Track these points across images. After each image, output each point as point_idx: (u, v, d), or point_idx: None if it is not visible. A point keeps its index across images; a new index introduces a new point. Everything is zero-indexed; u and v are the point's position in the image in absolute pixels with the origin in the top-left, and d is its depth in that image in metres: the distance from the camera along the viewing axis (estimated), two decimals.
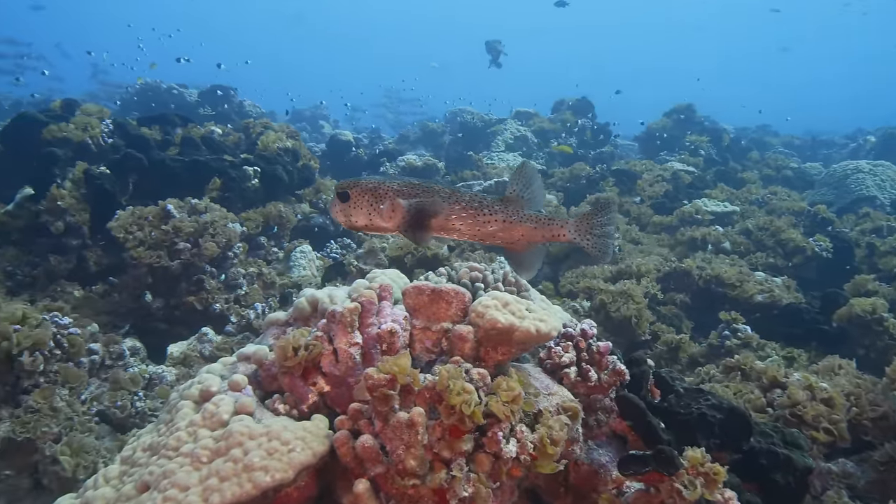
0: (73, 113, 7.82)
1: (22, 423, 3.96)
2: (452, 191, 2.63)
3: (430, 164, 13.21)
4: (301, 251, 7.41)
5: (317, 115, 26.03)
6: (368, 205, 2.56)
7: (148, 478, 2.40)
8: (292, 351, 2.70)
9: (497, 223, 2.66)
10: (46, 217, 6.12)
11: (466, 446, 2.33)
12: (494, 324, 2.64)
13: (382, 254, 6.35)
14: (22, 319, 4.20)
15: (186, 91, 16.99)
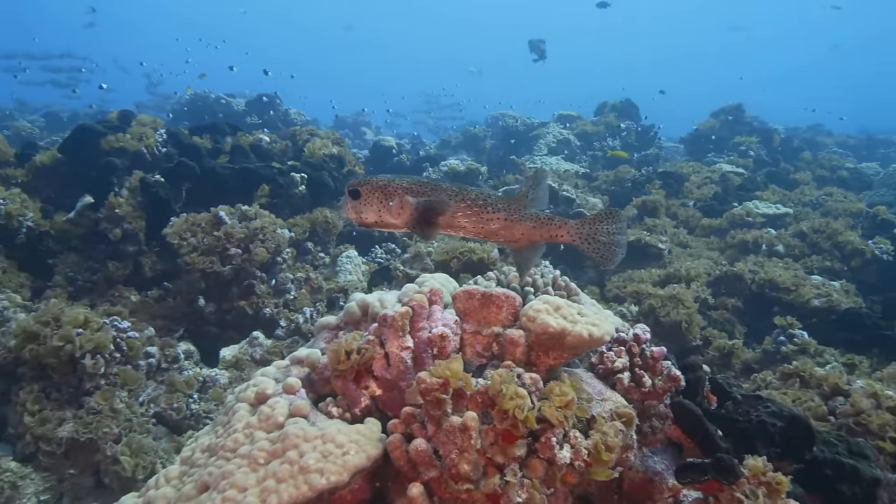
0: (129, 123, 8.10)
1: (84, 423, 4.10)
2: (459, 189, 2.69)
3: (473, 168, 13.20)
4: (347, 256, 7.49)
5: (359, 121, 26.34)
6: (378, 202, 2.64)
7: (207, 478, 2.45)
8: (345, 354, 2.72)
9: (499, 221, 2.71)
10: (105, 224, 6.34)
11: (520, 451, 2.30)
12: (546, 328, 2.61)
13: (428, 258, 6.36)
14: (84, 323, 4.36)
15: (234, 100, 17.41)
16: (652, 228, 9.37)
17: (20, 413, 4.18)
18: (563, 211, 9.50)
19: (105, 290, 6.27)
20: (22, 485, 3.92)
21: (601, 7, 21.29)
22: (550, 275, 3.44)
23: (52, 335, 4.22)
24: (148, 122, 8.27)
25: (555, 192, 9.54)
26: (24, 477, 3.96)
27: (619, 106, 20.01)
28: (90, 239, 6.53)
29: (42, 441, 4.03)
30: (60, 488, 4.13)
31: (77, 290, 6.27)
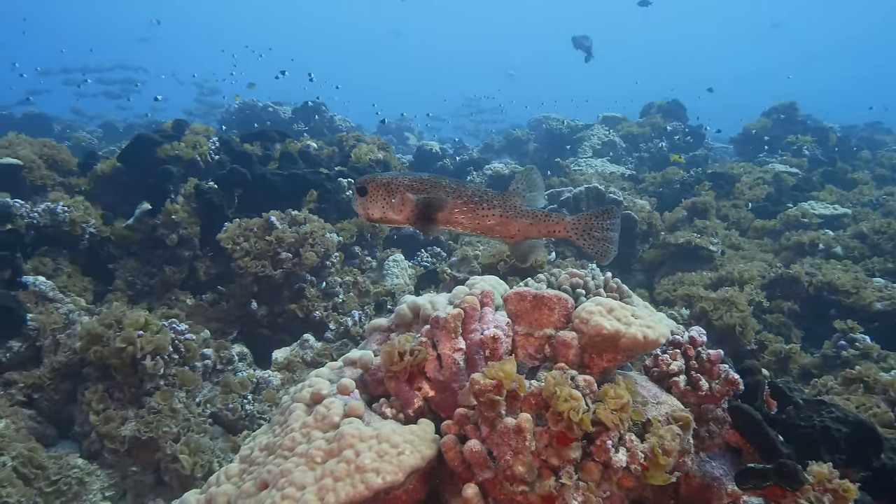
0: (183, 132, 8.37)
1: (146, 422, 4.24)
2: (457, 185, 2.79)
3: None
4: (393, 260, 7.56)
5: (402, 127, 26.58)
6: (382, 199, 2.76)
7: (266, 476, 2.50)
8: (398, 356, 2.74)
9: (495, 217, 2.81)
10: (162, 230, 6.56)
11: (575, 454, 2.28)
12: (599, 330, 2.59)
13: (475, 261, 6.37)
14: (144, 325, 4.51)
15: (281, 108, 17.78)
16: (702, 230, 9.17)
17: (86, 412, 4.36)
18: None
19: (162, 294, 6.48)
20: (88, 481, 4.08)
21: (643, 6, 20.88)
22: (601, 277, 3.41)
23: (115, 337, 4.38)
24: (201, 130, 8.53)
25: (601, 195, 9.43)
26: (90, 473, 4.12)
27: (666, 107, 19.68)
28: (148, 244, 6.77)
29: (106, 439, 4.19)
30: (124, 485, 4.29)
31: (136, 294, 6.50)
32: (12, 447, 3.77)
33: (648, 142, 17.91)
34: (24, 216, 6.15)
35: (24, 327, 4.85)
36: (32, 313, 5.00)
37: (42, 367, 4.79)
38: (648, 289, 8.20)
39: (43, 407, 4.65)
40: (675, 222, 9.79)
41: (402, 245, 8.57)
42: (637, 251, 9.40)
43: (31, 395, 4.63)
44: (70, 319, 5.15)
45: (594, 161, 16.36)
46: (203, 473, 4.15)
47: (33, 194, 7.04)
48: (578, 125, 18.93)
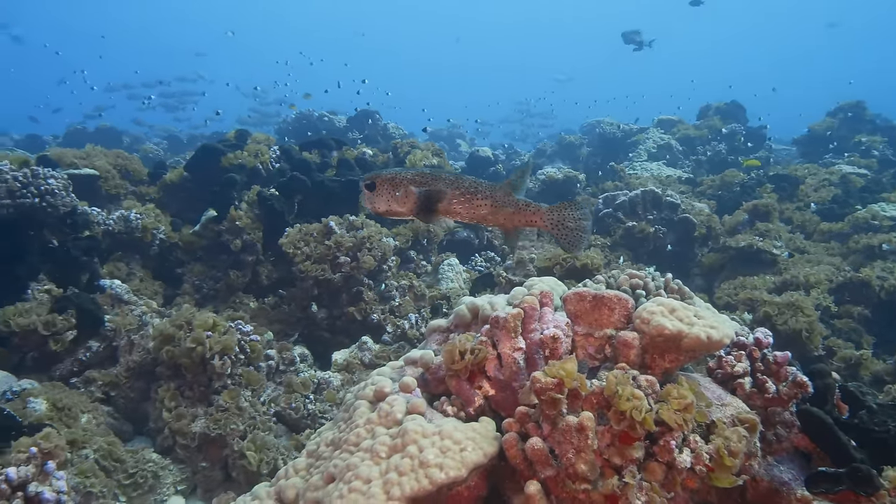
0: (245, 142, 8.67)
1: (214, 420, 4.42)
2: (455, 178, 2.97)
3: (571, 175, 13.07)
4: (448, 264, 7.63)
5: (454, 133, 26.72)
6: (388, 193, 2.94)
7: (333, 470, 2.58)
8: (459, 355, 2.79)
9: (487, 207, 2.98)
10: (227, 236, 6.82)
11: (637, 454, 2.28)
12: (661, 330, 2.58)
13: (531, 264, 6.37)
14: (212, 327, 4.71)
15: (336, 117, 18.16)
16: (765, 233, 8.91)
17: (159, 409, 4.57)
18: (666, 216, 9.22)
19: (227, 297, 6.73)
20: (162, 475, 4.28)
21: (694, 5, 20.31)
22: (662, 278, 3.38)
23: (186, 338, 4.59)
24: (262, 139, 8.82)
25: (658, 198, 9.28)
26: (163, 468, 4.32)
27: (724, 108, 19.16)
28: (213, 249, 7.05)
29: (178, 435, 4.39)
30: (194, 480, 4.47)
31: (203, 298, 6.77)
32: (94, 441, 4.00)
33: (706, 144, 17.48)
34: (100, 223, 6.51)
35: (102, 328, 5.12)
36: (109, 315, 5.28)
37: (118, 366, 5.06)
38: (708, 293, 8.01)
39: (119, 404, 4.91)
40: (735, 226, 9.54)
41: (457, 250, 8.64)
42: (696, 255, 9.20)
43: (108, 393, 4.89)
44: (143, 321, 5.40)
45: (649, 164, 16.09)
46: (268, 470, 4.29)
47: (108, 203, 7.44)
48: (633, 129, 18.65)
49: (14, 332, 4.75)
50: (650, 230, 8.82)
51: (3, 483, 2.53)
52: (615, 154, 17.54)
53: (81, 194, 6.44)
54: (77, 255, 5.79)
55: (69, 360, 4.97)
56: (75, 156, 7.61)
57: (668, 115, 19.63)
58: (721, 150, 16.99)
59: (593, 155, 18.63)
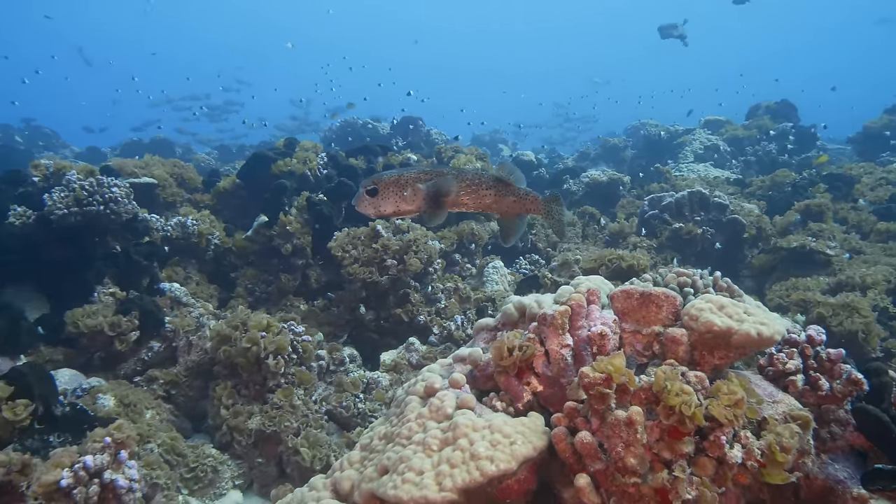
0: (294, 149, 8.91)
1: (269, 417, 4.58)
2: (458, 172, 3.13)
3: (615, 178, 12.96)
4: (493, 267, 7.69)
5: (496, 138, 26.78)
6: (394, 194, 3.03)
7: (386, 462, 2.67)
8: (507, 351, 2.86)
9: (491, 196, 3.18)
10: (277, 240, 7.03)
11: (687, 448, 2.30)
12: (710, 327, 2.59)
13: (576, 265, 6.38)
14: (266, 327, 4.87)
15: (379, 125, 18.43)
16: (818, 234, 8.68)
17: (217, 407, 4.76)
18: (714, 217, 9.08)
19: (278, 300, 6.94)
20: (221, 469, 4.45)
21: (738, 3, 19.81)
22: (710, 277, 3.37)
23: (241, 338, 4.76)
24: (310, 147, 9.05)
25: (705, 199, 9.14)
26: (222, 463, 4.50)
27: (775, 107, 18.68)
28: (265, 254, 7.27)
29: (235, 432, 4.56)
30: (251, 475, 4.64)
31: (255, 301, 6.99)
32: (158, 435, 4.20)
33: (755, 144, 17.08)
34: (159, 229, 6.80)
35: (163, 329, 5.36)
36: (169, 317, 5.52)
37: (178, 365, 5.28)
38: (759, 295, 7.85)
39: (179, 402, 5.12)
40: (786, 226, 9.32)
41: (501, 252, 8.69)
42: (745, 257, 9.03)
43: (169, 391, 5.11)
44: (200, 322, 5.63)
45: (696, 166, 15.83)
46: (321, 466, 4.41)
47: (165, 210, 7.75)
48: (678, 130, 18.37)
49: (83, 332, 5.01)
50: (697, 231, 8.70)
51: (81, 470, 2.71)
52: (660, 156, 17.30)
53: (141, 202, 6.73)
54: (138, 260, 6.07)
55: (133, 360, 5.21)
56: (135, 165, 7.98)
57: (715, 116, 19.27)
58: (771, 151, 16.58)
59: (638, 157, 18.42)
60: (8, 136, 20.24)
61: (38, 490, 2.68)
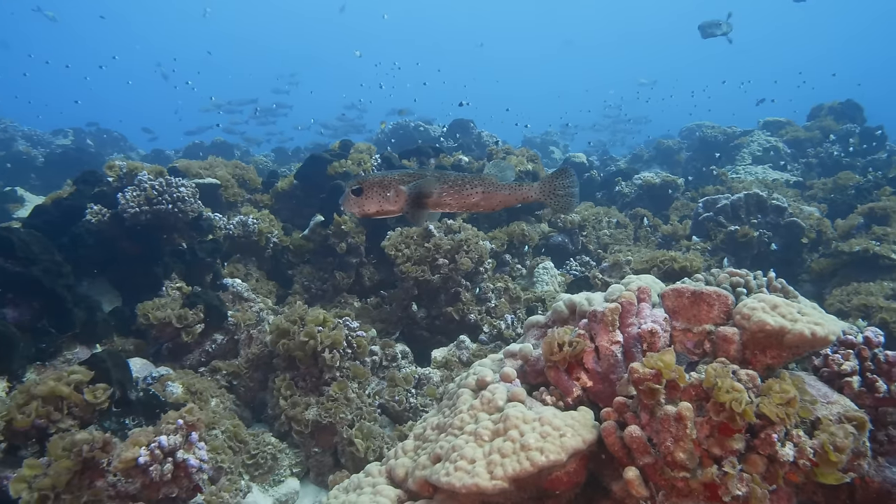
0: (349, 151, 9.15)
1: (325, 408, 4.75)
2: (440, 174, 3.25)
3: (669, 180, 12.77)
4: (543, 267, 7.72)
5: (547, 141, 26.66)
6: (377, 194, 3.20)
7: (439, 451, 2.77)
8: (557, 347, 2.92)
9: (478, 195, 3.34)
10: (333, 239, 7.25)
11: (738, 445, 2.32)
12: (763, 326, 2.59)
13: (627, 266, 6.37)
14: (323, 322, 5.06)
15: (431, 127, 18.63)
16: (882, 237, 8.38)
17: (276, 397, 4.96)
18: (772, 220, 8.87)
19: (333, 297, 7.15)
20: (280, 457, 4.65)
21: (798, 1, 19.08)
22: (763, 277, 3.36)
23: (299, 332, 4.95)
24: (364, 149, 9.27)
25: (762, 201, 8.95)
26: (281, 451, 4.69)
27: (839, 108, 18.01)
28: (321, 252, 7.50)
29: (293, 422, 4.75)
30: (308, 464, 4.82)
31: (311, 298, 7.23)
32: (222, 422, 4.42)
33: (817, 146, 16.53)
34: (221, 228, 7.11)
35: (226, 323, 5.61)
36: (231, 311, 5.78)
37: (239, 357, 5.53)
38: (818, 300, 7.64)
39: (240, 392, 5.36)
40: (848, 230, 9.03)
41: (552, 254, 8.71)
42: (804, 261, 8.79)
43: (231, 382, 5.35)
44: (260, 317, 5.87)
45: (754, 168, 15.45)
46: (374, 457, 4.55)
47: (227, 209, 8.09)
48: (736, 131, 17.93)
49: (152, 324, 5.31)
50: (754, 234, 8.52)
51: (157, 449, 2.91)
52: (716, 158, 16.94)
53: (205, 201, 7.04)
54: (203, 257, 6.37)
55: (198, 351, 5.48)
56: (200, 166, 8.35)
57: (775, 117, 18.72)
58: (834, 153, 16.02)
59: (693, 160, 18.07)
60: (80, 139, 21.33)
61: (119, 466, 2.89)
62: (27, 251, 4.71)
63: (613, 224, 10.01)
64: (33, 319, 4.54)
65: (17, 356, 3.98)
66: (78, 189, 6.48)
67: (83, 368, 3.55)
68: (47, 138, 20.54)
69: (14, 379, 3.98)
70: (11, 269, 4.53)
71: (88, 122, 23.81)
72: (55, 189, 14.54)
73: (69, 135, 21.71)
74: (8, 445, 3.28)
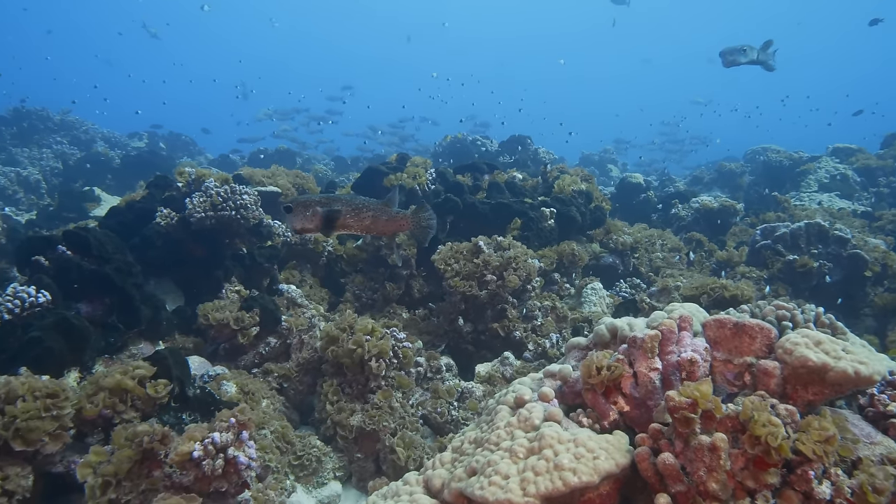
0: (405, 164, 9.37)
1: (370, 416, 4.89)
2: (349, 199, 3.87)
3: (727, 205, 12.50)
4: (592, 288, 7.71)
5: (605, 158, 26.43)
6: (301, 214, 3.75)
7: (475, 465, 2.86)
8: (595, 370, 2.98)
9: (369, 219, 3.91)
10: (385, 251, 7.44)
11: (772, 479, 2.33)
12: (804, 361, 2.59)
13: (676, 292, 6.31)
14: (371, 331, 5.21)
15: (488, 142, 18.74)
16: None
17: (323, 402, 5.14)
18: (833, 251, 8.60)
19: (382, 307, 7.33)
20: (324, 460, 4.81)
21: (873, 25, 18.35)
22: (812, 312, 3.32)
23: (348, 340, 5.12)
24: (420, 163, 9.48)
25: (824, 231, 8.69)
26: (326, 454, 4.85)
27: None
28: (372, 263, 7.70)
29: (339, 427, 4.91)
30: (350, 468, 4.97)
31: (361, 306, 7.42)
32: (271, 423, 4.62)
33: (889, 175, 15.88)
34: (280, 235, 7.40)
35: (279, 327, 5.84)
36: (285, 315, 6.01)
37: (290, 361, 5.74)
38: (880, 336, 7.38)
39: (290, 395, 5.56)
40: None
41: (601, 275, 8.68)
42: (868, 294, 8.47)
43: (281, 384, 5.56)
44: (312, 323, 6.08)
45: (820, 196, 14.95)
46: (415, 466, 4.66)
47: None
48: (802, 157, 17.39)
49: (211, 324, 5.58)
50: (813, 265, 8.28)
51: (210, 445, 3.10)
52: (781, 184, 16.46)
53: (266, 208, 7.34)
54: (261, 262, 6.65)
55: (252, 353, 5.73)
56: (263, 175, 8.71)
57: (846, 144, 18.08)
58: None
59: (755, 184, 17.60)
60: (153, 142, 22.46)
61: (175, 458, 3.09)
62: (102, 250, 5.05)
63: (667, 247, 9.89)
64: (104, 315, 4.87)
65: (90, 349, 4.29)
66: (150, 193, 6.88)
67: (146, 364, 3.79)
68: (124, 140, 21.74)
69: (85, 370, 4.28)
70: (87, 266, 4.86)
71: (153, 124, 25.05)
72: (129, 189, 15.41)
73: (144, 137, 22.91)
74: (77, 432, 3.53)
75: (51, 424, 3.32)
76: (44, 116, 20.14)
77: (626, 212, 13.98)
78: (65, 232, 5.12)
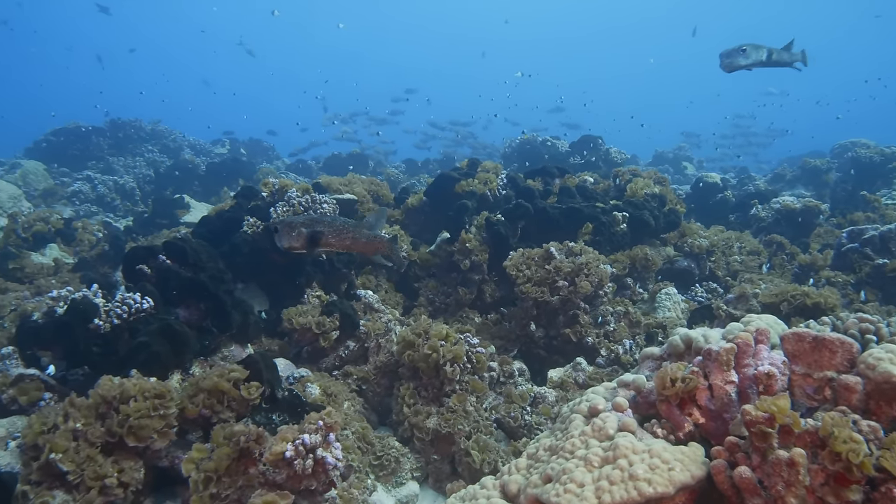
0: (476, 170, 9.50)
1: (445, 419, 5.05)
2: (332, 220, 4.22)
3: (811, 206, 11.94)
4: (666, 293, 7.61)
5: (679, 156, 25.72)
6: (287, 233, 4.09)
7: (550, 472, 2.96)
8: (670, 381, 3.02)
9: (350, 239, 4.25)
10: (457, 256, 7.59)
11: (854, 496, 2.32)
12: (888, 377, 2.56)
13: (755, 299, 6.16)
14: (445, 337, 5.37)
15: (559, 142, 18.63)
16: None
17: (400, 405, 5.34)
18: None
19: (455, 311, 7.49)
20: (402, 461, 5.00)
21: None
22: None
23: (423, 345, 5.30)
24: (490, 168, 9.59)
25: None
26: (403, 455, 5.05)
27: None
28: (445, 268, 7.88)
29: (416, 429, 5.09)
30: (427, 470, 5.15)
31: (435, 311, 7.61)
32: (353, 424, 4.85)
33: None
34: None
35: (358, 331, 6.10)
36: (363, 320, 6.26)
37: (368, 364, 5.98)
38: None
39: (368, 397, 5.79)
40: None
41: (676, 279, 8.54)
42: None
43: (360, 386, 5.81)
44: (388, 327, 6.30)
45: None
46: (489, 469, 4.78)
47: None
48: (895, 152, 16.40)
49: (295, 328, 5.88)
50: None
51: (301, 445, 3.33)
52: (871, 182, 15.54)
53: (343, 215, 7.63)
54: (339, 268, 6.94)
55: (332, 356, 6.00)
56: (340, 183, 9.05)
57: None
58: None
59: (843, 182, 16.68)
60: (235, 148, 23.55)
61: (269, 458, 3.33)
62: (197, 259, 5.44)
63: (745, 250, 9.61)
64: (199, 319, 5.24)
65: (189, 353, 4.64)
66: (237, 202, 7.30)
67: (240, 367, 4.08)
68: (208, 147, 22.91)
69: (185, 372, 4.64)
70: (184, 274, 5.25)
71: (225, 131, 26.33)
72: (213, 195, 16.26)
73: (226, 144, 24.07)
74: (179, 430, 3.85)
75: (159, 423, 3.65)
76: (137, 126, 21.48)
77: (702, 212, 13.61)
78: (164, 242, 5.54)
